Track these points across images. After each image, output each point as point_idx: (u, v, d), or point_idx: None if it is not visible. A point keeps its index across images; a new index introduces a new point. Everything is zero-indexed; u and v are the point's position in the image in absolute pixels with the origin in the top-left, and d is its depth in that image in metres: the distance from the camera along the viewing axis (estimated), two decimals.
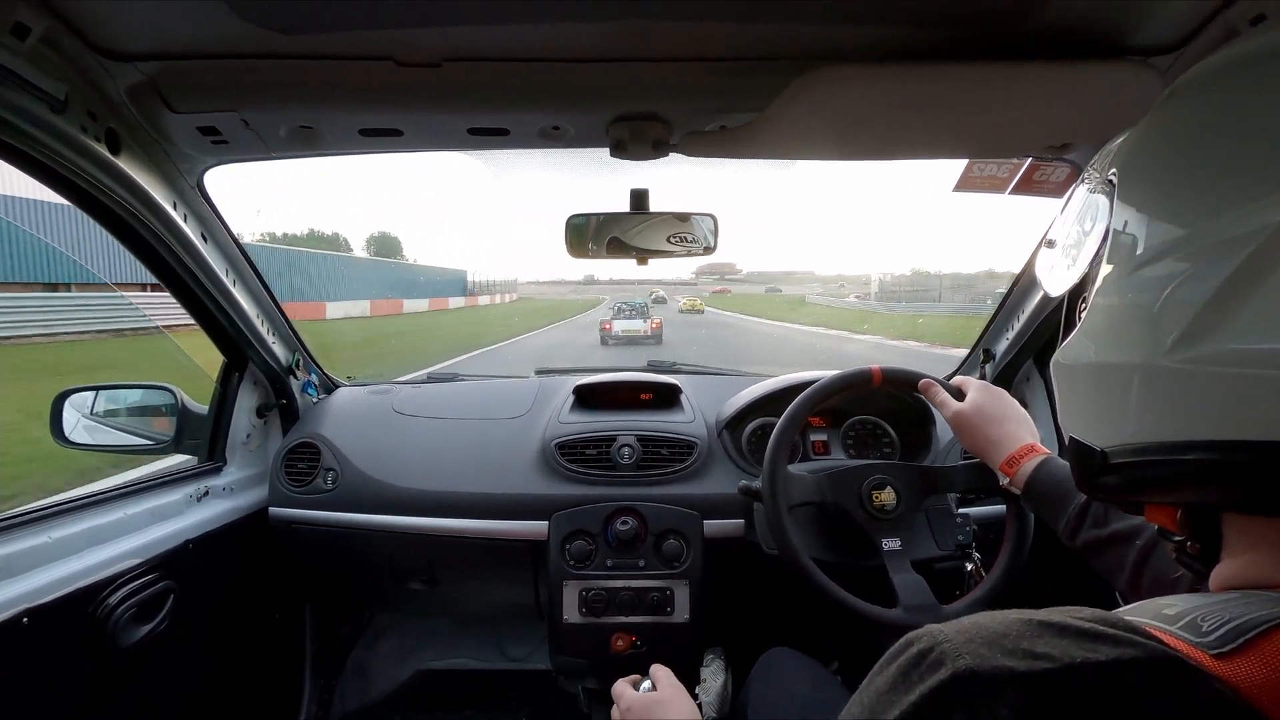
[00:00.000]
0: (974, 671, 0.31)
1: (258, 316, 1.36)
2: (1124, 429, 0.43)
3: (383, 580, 1.57)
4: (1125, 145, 0.47)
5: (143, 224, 1.01)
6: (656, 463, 1.43)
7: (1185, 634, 0.31)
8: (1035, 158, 1.12)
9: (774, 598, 1.47)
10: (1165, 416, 0.39)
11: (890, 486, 1.08)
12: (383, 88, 0.86)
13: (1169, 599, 0.36)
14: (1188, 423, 0.38)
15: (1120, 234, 0.44)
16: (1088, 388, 0.46)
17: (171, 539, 1.19)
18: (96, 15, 0.72)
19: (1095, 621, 0.32)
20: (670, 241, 1.15)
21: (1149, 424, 0.41)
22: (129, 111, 0.88)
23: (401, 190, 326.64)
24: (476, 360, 13.40)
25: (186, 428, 1.40)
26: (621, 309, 18.69)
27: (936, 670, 0.32)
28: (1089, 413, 0.47)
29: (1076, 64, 0.75)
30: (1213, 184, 0.39)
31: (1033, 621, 0.33)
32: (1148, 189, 0.44)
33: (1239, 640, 0.30)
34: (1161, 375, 0.39)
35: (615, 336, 16.57)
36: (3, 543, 0.92)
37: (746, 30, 0.77)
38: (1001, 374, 1.54)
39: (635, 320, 17.41)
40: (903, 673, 0.34)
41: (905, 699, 0.33)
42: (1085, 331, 0.47)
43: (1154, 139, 0.45)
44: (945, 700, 0.31)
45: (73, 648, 0.97)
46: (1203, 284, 0.37)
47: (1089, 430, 0.46)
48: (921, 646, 0.34)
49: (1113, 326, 0.44)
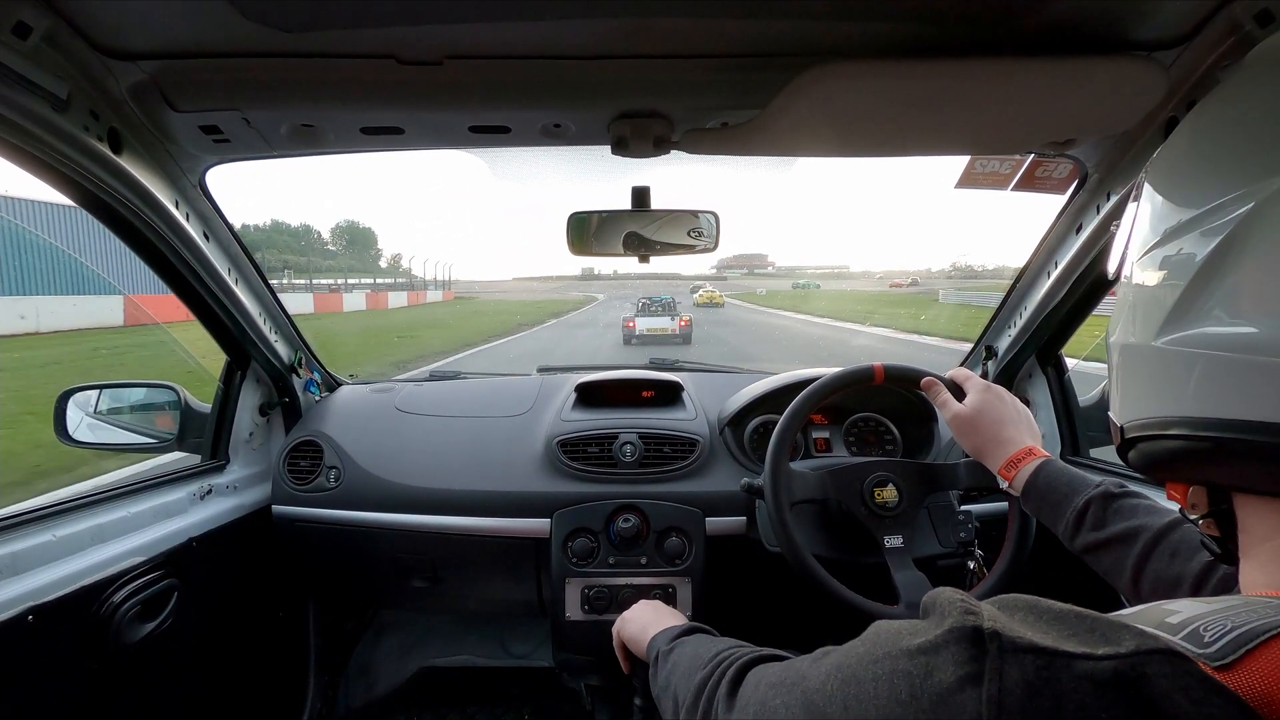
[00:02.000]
0: (999, 633, 0.32)
1: (260, 315, 1.37)
2: (1134, 405, 0.46)
3: (386, 578, 1.57)
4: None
5: (145, 223, 1.01)
6: (659, 460, 1.43)
7: (1188, 645, 0.31)
8: (1038, 154, 1.12)
9: (776, 595, 1.47)
10: (1159, 394, 0.44)
11: (892, 484, 1.08)
12: (384, 86, 0.86)
13: (1174, 604, 0.36)
14: (1171, 400, 0.42)
15: (1139, 218, 0.48)
16: (1113, 366, 0.50)
17: (175, 537, 1.19)
18: (98, 14, 0.72)
19: (1111, 622, 0.33)
20: (669, 237, 1.15)
21: (1150, 402, 0.44)
22: (131, 110, 0.88)
23: (383, 184, 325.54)
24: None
25: (190, 426, 1.41)
26: (646, 305, 16.95)
27: (967, 617, 0.34)
28: (1115, 390, 0.50)
29: (1079, 59, 0.75)
30: (1204, 176, 0.43)
31: (1057, 610, 0.34)
32: (1162, 179, 0.47)
33: (1239, 651, 0.30)
34: (1153, 356, 0.43)
35: (640, 336, 15.21)
36: (7, 541, 0.93)
37: (748, 27, 0.77)
38: (1004, 371, 1.54)
39: (661, 318, 15.93)
40: (940, 613, 0.36)
41: (932, 630, 0.35)
42: (1113, 315, 0.51)
43: (1179, 132, 0.48)
44: (964, 641, 0.33)
45: (77, 645, 0.98)
46: (1186, 271, 0.40)
47: (1114, 407, 0.50)
48: (960, 598, 0.36)
49: (1126, 308, 0.48)
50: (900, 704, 0.34)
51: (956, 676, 0.32)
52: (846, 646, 0.42)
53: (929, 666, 0.33)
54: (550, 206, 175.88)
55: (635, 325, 15.55)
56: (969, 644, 0.32)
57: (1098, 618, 0.33)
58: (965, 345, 1.69)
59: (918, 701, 0.33)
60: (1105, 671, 0.29)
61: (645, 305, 16.97)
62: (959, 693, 0.31)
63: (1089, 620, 0.33)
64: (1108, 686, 0.29)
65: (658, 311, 16.41)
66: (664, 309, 16.60)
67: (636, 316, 16.10)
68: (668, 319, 15.72)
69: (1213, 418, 0.39)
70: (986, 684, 0.31)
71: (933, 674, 0.33)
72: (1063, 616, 0.33)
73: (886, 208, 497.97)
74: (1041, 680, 0.30)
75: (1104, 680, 0.29)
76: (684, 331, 15.56)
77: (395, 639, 1.99)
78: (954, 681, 0.32)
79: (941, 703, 0.32)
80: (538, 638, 1.98)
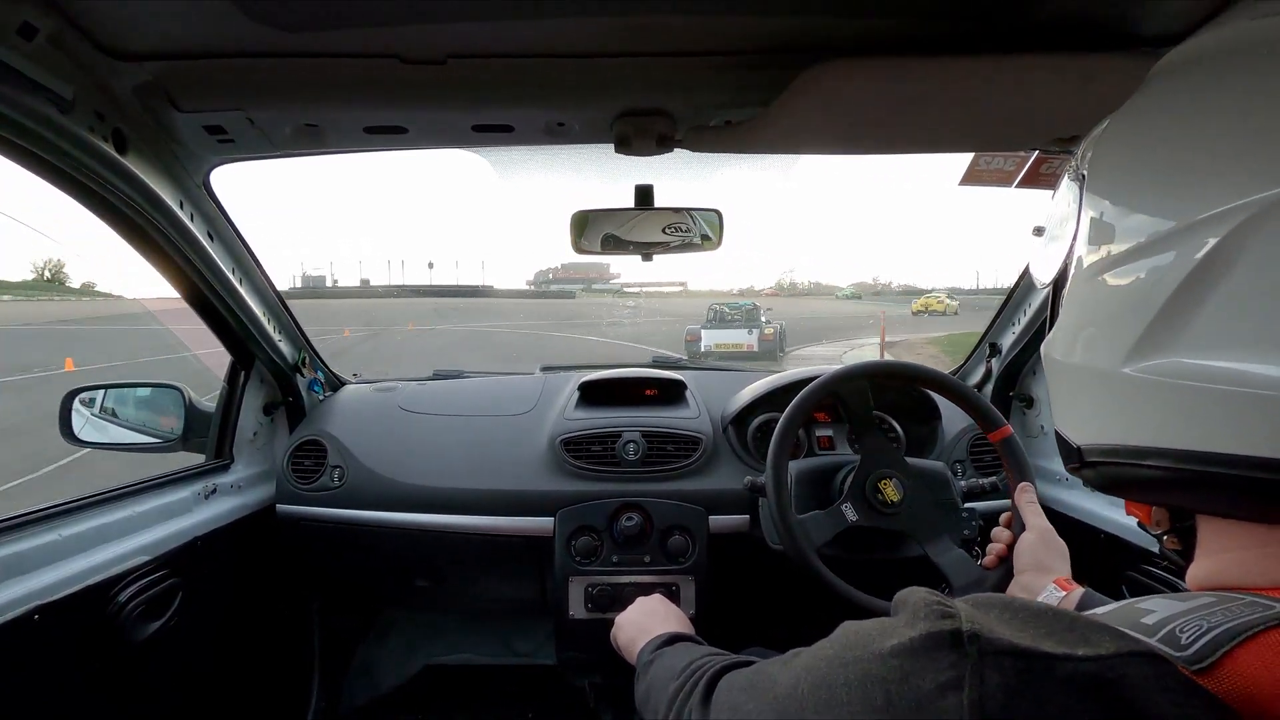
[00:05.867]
0: (978, 635, 0.31)
1: (264, 314, 1.37)
2: (1096, 428, 0.44)
3: (389, 576, 1.57)
4: (1099, 135, 0.46)
5: (150, 223, 1.02)
6: (662, 458, 1.43)
7: (1164, 648, 0.31)
8: (1042, 150, 1.12)
9: (781, 593, 1.47)
10: (1128, 422, 0.40)
11: (897, 481, 1.08)
12: (387, 85, 0.86)
13: (1147, 603, 0.36)
14: (1147, 430, 0.39)
15: (1090, 229, 0.44)
16: (1067, 384, 0.47)
17: (180, 536, 1.19)
18: (103, 15, 0.72)
19: (1089, 622, 0.33)
20: (672, 237, 1.15)
21: (1116, 427, 0.41)
22: (136, 111, 0.88)
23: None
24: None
25: (194, 426, 1.41)
26: (717, 314, 13.95)
27: (944, 620, 0.33)
28: (1069, 408, 0.47)
29: (1083, 55, 0.75)
30: (1171, 188, 0.39)
31: (1034, 608, 0.33)
32: (1114, 185, 0.43)
33: (1217, 654, 0.30)
34: (1121, 382, 0.40)
35: (709, 353, 12.09)
36: (13, 540, 0.93)
37: (750, 24, 0.77)
38: (1008, 369, 1.54)
39: (734, 330, 12.88)
40: (911, 613, 0.35)
41: (905, 633, 0.34)
42: (1061, 327, 0.47)
43: (1124, 130, 0.44)
44: (943, 645, 0.32)
45: (82, 644, 0.98)
46: (1156, 295, 0.37)
47: (1068, 425, 0.47)
48: (935, 599, 0.35)
49: (1081, 326, 0.44)
50: (875, 710, 0.33)
51: (936, 683, 0.31)
52: (815, 648, 0.41)
53: (904, 671, 0.32)
54: (554, 206, 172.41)
55: (700, 339, 12.67)
56: (948, 648, 0.32)
57: (1075, 616, 0.32)
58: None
59: (894, 708, 0.32)
60: (1086, 674, 0.29)
61: (717, 314, 14.01)
62: (939, 699, 0.31)
63: (1066, 619, 0.32)
64: (1089, 689, 0.29)
65: (732, 322, 13.47)
66: (741, 318, 13.56)
67: (703, 328, 13.10)
68: (744, 332, 12.79)
69: (1199, 451, 0.36)
70: (967, 689, 0.30)
71: (909, 679, 0.32)
72: (1039, 615, 0.33)
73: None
74: (1022, 683, 0.30)
75: (1085, 683, 0.29)
76: (766, 346, 12.56)
77: (399, 637, 1.99)
78: (933, 688, 0.31)
79: (920, 709, 0.31)
80: (541, 636, 1.98)
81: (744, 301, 15.63)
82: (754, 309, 14.08)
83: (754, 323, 13.20)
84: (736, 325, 13.20)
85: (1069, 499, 1.35)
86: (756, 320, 13.36)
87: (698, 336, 12.70)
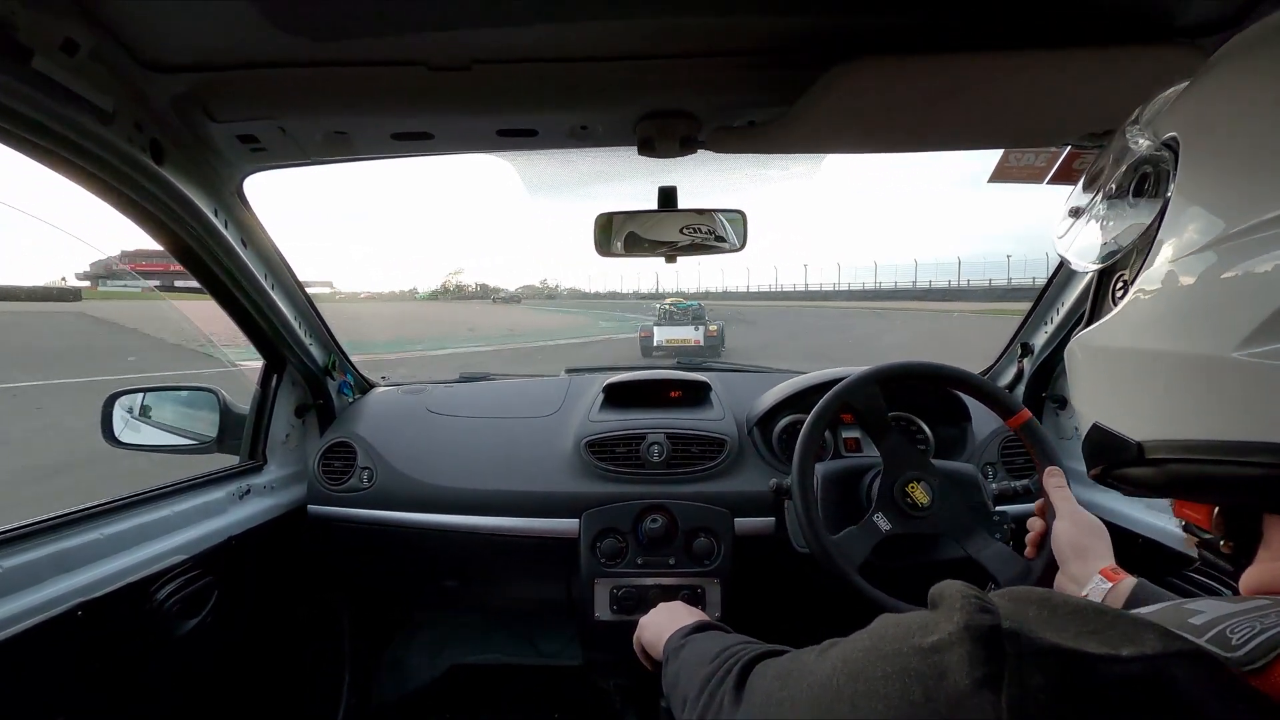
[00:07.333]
0: (1017, 633, 0.30)
1: (295, 319, 1.40)
2: (1168, 423, 0.40)
3: (417, 576, 1.59)
4: (1189, 103, 0.42)
5: (186, 230, 1.04)
6: (686, 460, 1.42)
7: (1213, 649, 0.30)
8: (1075, 145, 1.09)
9: (807, 596, 1.46)
10: (1228, 415, 0.36)
11: (925, 484, 1.06)
12: (414, 92, 0.87)
13: (1196, 604, 0.35)
14: (1254, 423, 0.35)
15: (1186, 208, 0.39)
16: (1126, 375, 0.43)
17: (215, 536, 1.22)
18: (142, 29, 0.74)
19: (1133, 619, 0.31)
20: (695, 238, 1.15)
21: (1205, 421, 0.37)
22: (172, 122, 0.91)
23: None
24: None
25: (229, 428, 1.44)
26: (668, 313, 15.10)
27: (982, 615, 0.32)
28: (1123, 401, 0.43)
29: (1118, 48, 0.73)
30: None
31: (1075, 604, 0.32)
32: (1226, 158, 0.38)
33: (1270, 655, 0.29)
34: (1229, 370, 0.35)
35: (660, 348, 13.28)
36: (59, 539, 0.96)
37: (774, 24, 0.76)
38: (1040, 368, 1.50)
39: (682, 327, 13.86)
40: (950, 608, 0.34)
41: (945, 627, 0.33)
42: (1128, 314, 0.42)
43: (1233, 99, 0.39)
44: (982, 640, 0.31)
45: (121, 640, 1.01)
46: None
47: (1121, 419, 0.43)
48: (973, 593, 0.34)
49: (1170, 311, 0.39)
50: (913, 705, 0.32)
51: (973, 679, 0.30)
52: (852, 639, 0.40)
53: (942, 667, 0.32)
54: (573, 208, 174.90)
55: (653, 335, 13.70)
56: (985, 644, 0.31)
57: (1118, 614, 0.31)
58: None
59: (933, 704, 0.31)
60: (1132, 674, 0.28)
61: (667, 313, 15.26)
62: (975, 695, 0.30)
63: (1109, 616, 0.31)
64: (1135, 690, 0.28)
65: (680, 320, 14.63)
66: (688, 317, 14.73)
67: (655, 325, 14.16)
68: (690, 328, 13.87)
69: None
70: (1007, 687, 0.29)
71: (946, 675, 0.31)
72: (1079, 611, 0.31)
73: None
74: (1065, 684, 0.28)
75: (1131, 684, 0.28)
76: (711, 341, 13.59)
77: (427, 637, 2.02)
78: (970, 684, 0.30)
79: (958, 706, 0.30)
80: (567, 637, 1.99)
81: (691, 302, 16.85)
82: (699, 309, 15.29)
83: (700, 320, 14.33)
84: (684, 323, 14.33)
85: (1104, 501, 1.30)
86: (702, 318, 14.56)
87: (651, 333, 13.74)
